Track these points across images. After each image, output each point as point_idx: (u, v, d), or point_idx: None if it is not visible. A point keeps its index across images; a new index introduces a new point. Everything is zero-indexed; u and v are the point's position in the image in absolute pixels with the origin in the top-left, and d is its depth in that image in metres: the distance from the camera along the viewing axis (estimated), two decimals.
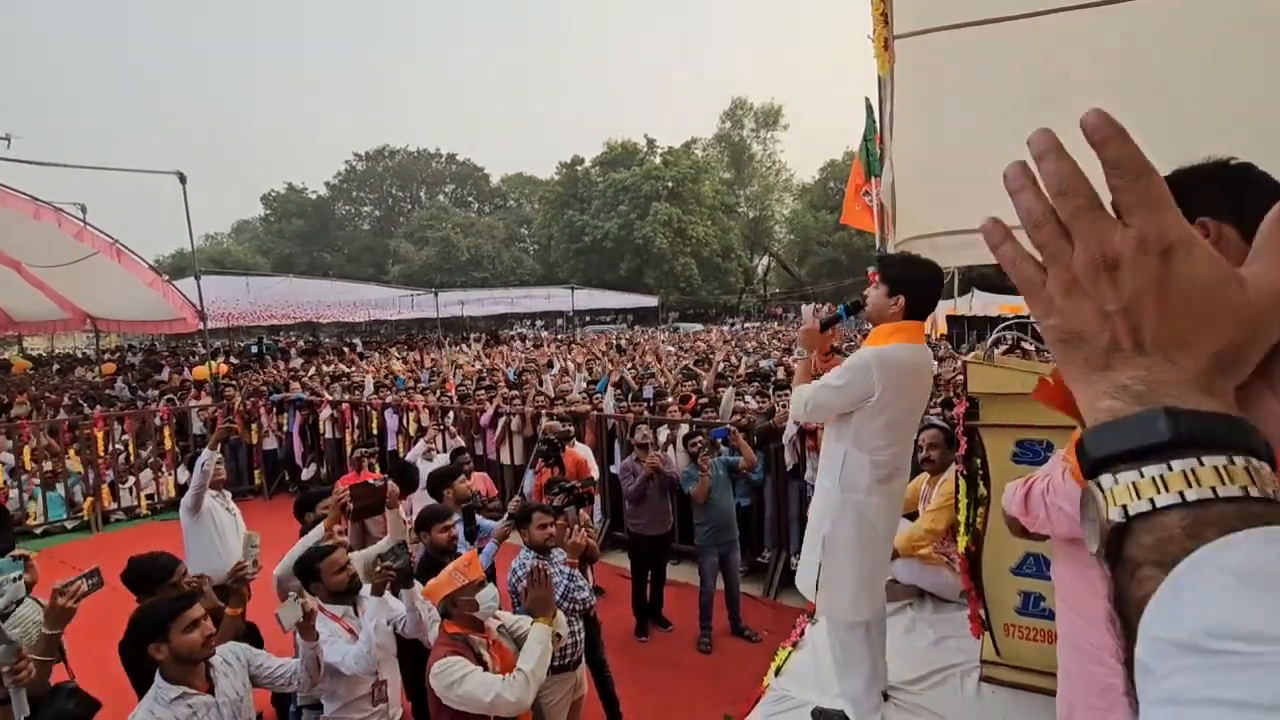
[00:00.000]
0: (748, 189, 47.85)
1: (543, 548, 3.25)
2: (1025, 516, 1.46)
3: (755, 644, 4.77)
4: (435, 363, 13.69)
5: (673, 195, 40.00)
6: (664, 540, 5.08)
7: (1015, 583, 2.48)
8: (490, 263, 43.57)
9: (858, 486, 2.17)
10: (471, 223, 47.21)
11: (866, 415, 2.13)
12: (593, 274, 39.91)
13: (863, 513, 2.18)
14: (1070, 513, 1.32)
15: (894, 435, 2.22)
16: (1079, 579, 1.41)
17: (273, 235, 49.40)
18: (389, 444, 8.18)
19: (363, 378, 11.04)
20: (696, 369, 9.59)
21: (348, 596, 2.81)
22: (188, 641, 2.10)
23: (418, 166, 55.20)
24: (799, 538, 5.63)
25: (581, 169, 44.98)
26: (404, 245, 44.94)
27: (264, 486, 9.07)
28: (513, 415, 7.20)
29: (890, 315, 2.21)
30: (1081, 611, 1.40)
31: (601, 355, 13.40)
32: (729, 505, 4.84)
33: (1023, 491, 1.46)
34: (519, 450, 7.25)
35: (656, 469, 4.87)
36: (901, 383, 2.15)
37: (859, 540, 2.19)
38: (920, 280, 2.23)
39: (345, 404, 8.79)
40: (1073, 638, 1.43)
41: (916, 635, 2.93)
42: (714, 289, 42.52)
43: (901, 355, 2.15)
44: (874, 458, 2.17)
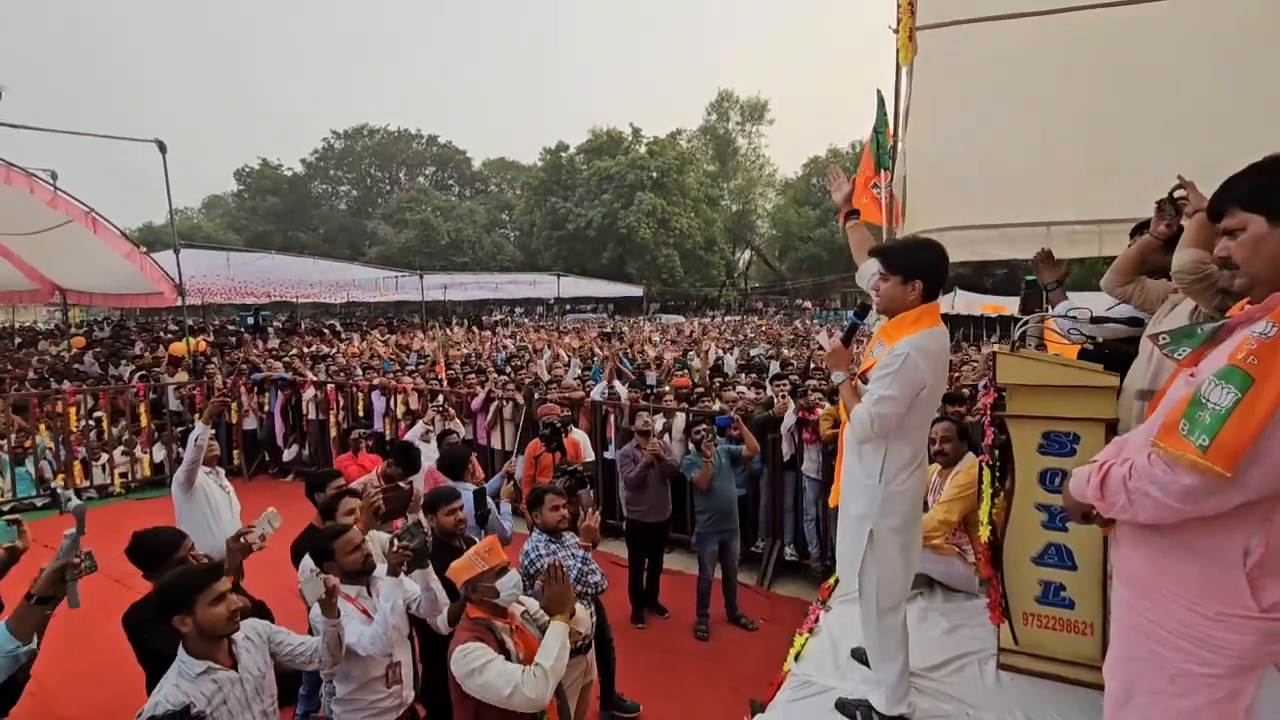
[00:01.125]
0: (732, 182, 47.92)
1: (555, 530, 3.23)
2: (1101, 502, 1.44)
3: (751, 632, 4.80)
4: (423, 345, 13.50)
5: (657, 185, 39.90)
6: (662, 528, 5.09)
7: (1036, 572, 2.51)
8: (471, 247, 43.11)
9: (899, 476, 2.18)
10: (452, 206, 46.65)
11: (914, 406, 2.13)
12: (574, 262, 39.68)
13: (904, 499, 2.19)
14: (1158, 498, 1.31)
15: (928, 418, 2.25)
16: (1152, 565, 1.41)
17: (246, 212, 48.30)
18: (375, 426, 8.05)
19: (347, 359, 10.85)
20: (688, 361, 9.60)
21: (361, 577, 2.75)
22: (214, 614, 2.03)
23: (398, 147, 54.29)
24: (794, 528, 5.69)
25: (566, 156, 44.64)
26: (382, 227, 44.30)
27: (244, 467, 8.87)
28: (505, 400, 7.12)
29: (910, 303, 2.21)
30: (1152, 596, 1.40)
31: (595, 343, 13.33)
32: (731, 493, 4.85)
33: (1099, 477, 1.44)
34: (509, 435, 7.18)
35: (658, 456, 4.86)
36: (938, 367, 2.16)
37: (904, 526, 2.21)
38: (933, 261, 2.24)
39: (331, 385, 8.63)
40: (1137, 622, 1.43)
41: (930, 624, 2.96)
42: (696, 281, 42.61)
43: (934, 340, 2.16)
44: (914, 444, 2.19)
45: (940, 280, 2.25)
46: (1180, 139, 3.47)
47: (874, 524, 2.20)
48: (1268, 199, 1.32)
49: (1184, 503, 1.28)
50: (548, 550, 3.05)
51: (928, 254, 2.25)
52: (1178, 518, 1.31)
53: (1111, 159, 3.93)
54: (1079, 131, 3.94)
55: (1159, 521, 1.35)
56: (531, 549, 3.07)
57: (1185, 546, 1.35)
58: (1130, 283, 2.66)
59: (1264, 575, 1.26)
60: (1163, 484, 1.30)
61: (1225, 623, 1.29)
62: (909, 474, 2.19)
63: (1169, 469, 1.29)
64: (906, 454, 2.18)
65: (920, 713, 2.34)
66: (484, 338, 17.33)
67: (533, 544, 3.09)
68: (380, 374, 9.30)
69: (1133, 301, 2.66)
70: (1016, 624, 2.55)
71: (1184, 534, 1.34)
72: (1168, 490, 1.29)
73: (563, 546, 3.11)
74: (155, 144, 9.06)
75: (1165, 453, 1.29)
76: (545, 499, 3.18)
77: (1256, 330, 1.26)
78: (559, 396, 6.81)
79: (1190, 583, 1.33)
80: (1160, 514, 1.33)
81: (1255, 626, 1.26)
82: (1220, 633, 1.29)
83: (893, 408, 2.10)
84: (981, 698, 2.42)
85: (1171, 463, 1.28)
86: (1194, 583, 1.33)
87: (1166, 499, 1.29)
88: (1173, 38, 3.35)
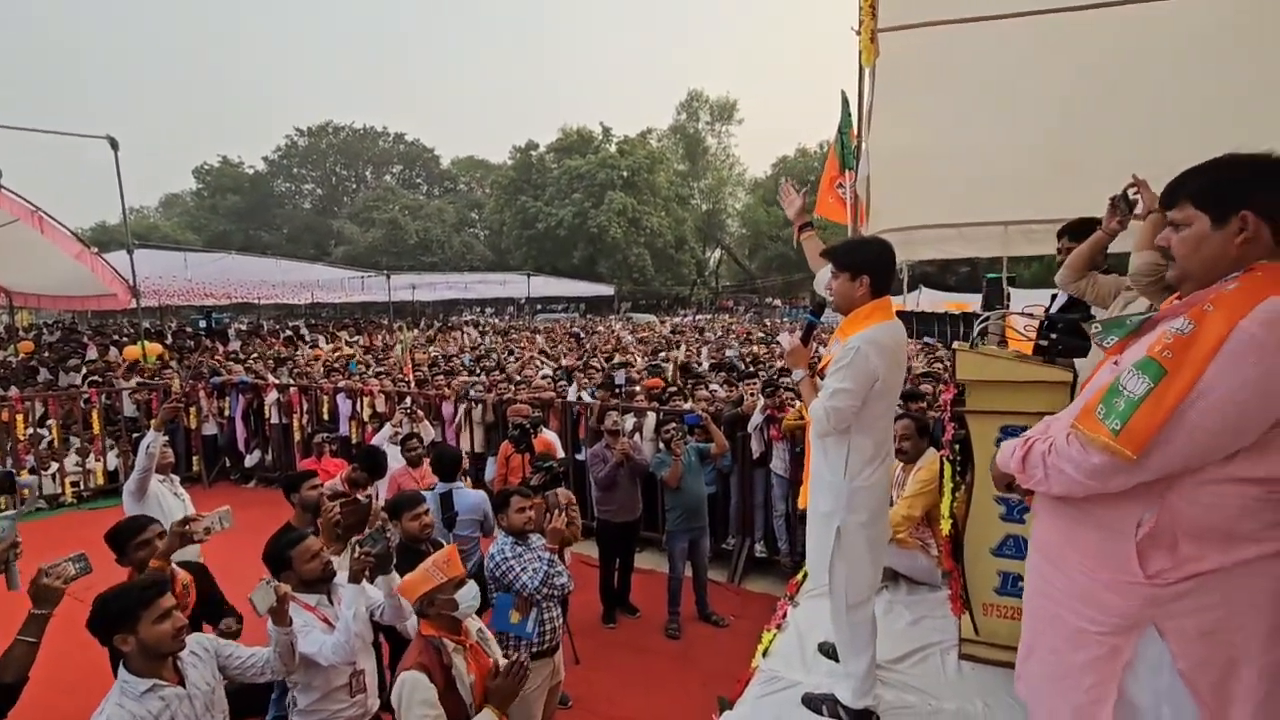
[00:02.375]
0: (702, 181, 48.12)
1: (521, 533, 3.19)
2: (1021, 474, 1.55)
3: (722, 629, 4.82)
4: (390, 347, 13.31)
5: (628, 185, 39.87)
6: (633, 527, 5.08)
7: (994, 563, 2.56)
8: (439, 247, 42.66)
9: (864, 471, 2.21)
10: (420, 205, 46.11)
11: (870, 399, 2.16)
12: (545, 261, 39.46)
13: (870, 494, 2.22)
14: (1071, 474, 1.42)
15: (888, 412, 2.28)
16: (1060, 534, 1.52)
17: (205, 211, 47.07)
18: (341, 429, 7.90)
19: (307, 362, 10.63)
20: (660, 362, 9.62)
21: (321, 585, 2.69)
22: (158, 633, 1.96)
23: (364, 144, 53.46)
24: (764, 525, 5.73)
25: (536, 154, 44.37)
26: (348, 226, 43.61)
27: (203, 474, 8.64)
28: (476, 402, 7.05)
29: (859, 299, 2.27)
30: (1058, 563, 1.52)
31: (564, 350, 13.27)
32: (700, 491, 4.87)
33: (1022, 451, 1.54)
34: (479, 438, 7.12)
35: (627, 455, 4.85)
36: (893, 360, 2.20)
37: (870, 521, 2.23)
38: (876, 256, 2.29)
39: (294, 388, 8.44)
40: (1044, 587, 1.55)
41: (895, 616, 3.01)
42: (667, 280, 42.71)
43: (886, 333, 2.21)
44: (876, 438, 2.22)
45: (886, 274, 2.30)
46: (1140, 141, 3.57)
47: (841, 520, 2.22)
48: (1215, 200, 1.38)
49: (1093, 479, 1.39)
50: (513, 553, 3.02)
51: (871, 250, 2.31)
52: (1085, 493, 1.43)
53: (1070, 159, 4.03)
54: (1039, 132, 4.04)
55: (1069, 494, 1.46)
56: (497, 552, 3.04)
57: (1088, 517, 1.46)
58: (1082, 278, 2.73)
59: (1151, 547, 1.37)
60: (1076, 462, 1.40)
61: (1115, 588, 1.40)
62: (873, 469, 2.22)
63: (1083, 449, 1.39)
64: (869, 449, 2.21)
65: (884, 705, 2.37)
66: (454, 338, 17.16)
67: (498, 547, 3.06)
68: (346, 376, 9.14)
69: (1085, 296, 2.74)
70: (977, 614, 2.60)
71: (1088, 506, 1.46)
72: (1080, 468, 1.40)
73: (529, 549, 3.09)
74: (106, 140, 8.75)
75: (1081, 434, 1.40)
76: (511, 500, 3.15)
77: (1175, 326, 1.33)
78: (529, 397, 6.76)
79: (1089, 551, 1.45)
80: (1070, 488, 1.44)
81: (1140, 592, 1.37)
82: (1110, 596, 1.41)
83: (847, 400, 2.14)
84: (943, 688, 2.46)
85: (1086, 443, 1.38)
86: (1092, 551, 1.45)
87: (1078, 475, 1.40)
88: (1135, 40, 3.44)
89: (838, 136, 5.17)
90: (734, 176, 49.49)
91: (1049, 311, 3.09)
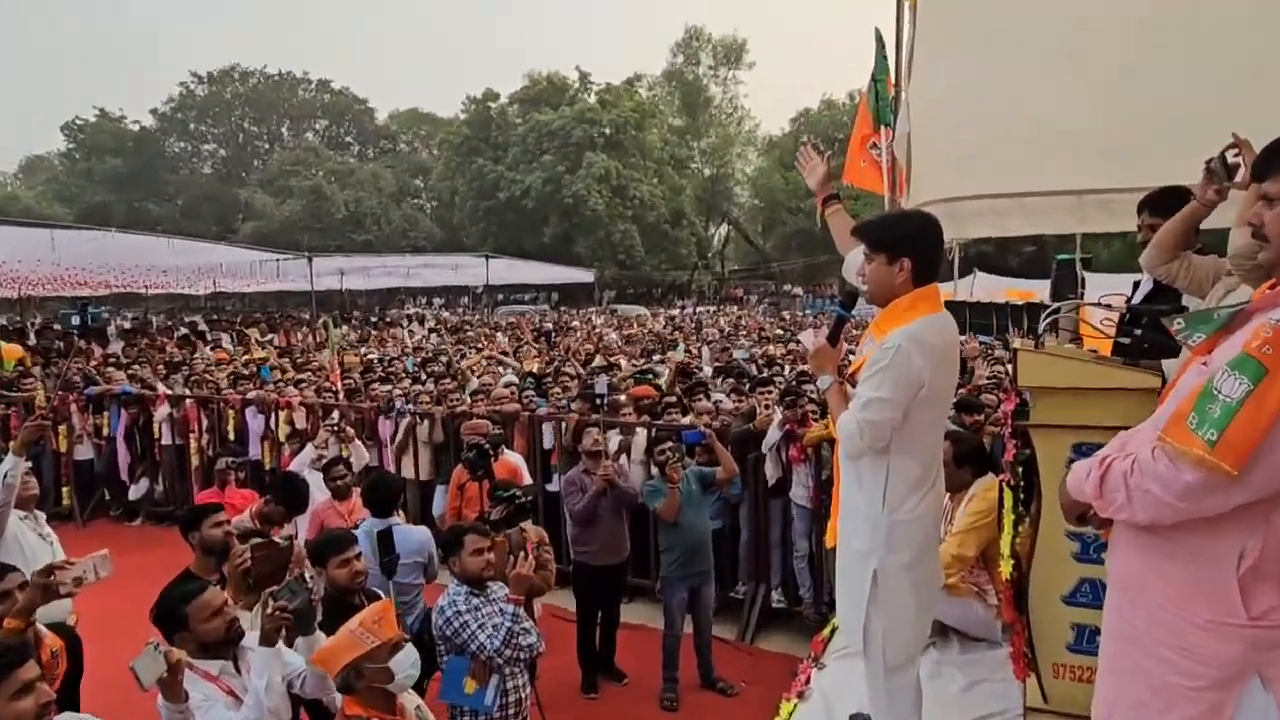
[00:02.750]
0: (703, 140, 48.37)
1: (478, 580, 3.19)
2: (1100, 500, 1.57)
3: (731, 698, 4.83)
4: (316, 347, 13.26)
5: (611, 144, 39.97)
6: (618, 572, 5.08)
7: (1067, 614, 2.58)
8: (375, 222, 42.59)
9: (907, 502, 2.23)
10: (350, 170, 46.04)
11: (912, 411, 2.18)
12: (508, 240, 39.51)
13: (915, 528, 2.24)
14: (1158, 496, 1.44)
15: (936, 426, 2.31)
16: (1145, 569, 1.55)
17: (78, 177, 46.82)
18: (250, 452, 7.86)
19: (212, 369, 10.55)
20: (652, 366, 9.64)
21: (225, 648, 2.68)
22: (16, 711, 1.95)
23: (279, 94, 53.28)
24: (782, 568, 5.75)
25: (495, 107, 44.43)
26: (259, 196, 43.54)
27: (75, 509, 8.55)
28: (421, 417, 7.03)
29: (899, 287, 2.28)
30: (1142, 602, 1.54)
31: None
32: (703, 527, 4.88)
33: (1099, 472, 1.56)
34: (426, 462, 7.11)
35: (611, 483, 4.85)
36: (942, 362, 2.23)
37: (915, 562, 2.25)
38: (920, 233, 2.31)
39: (191, 400, 8.39)
40: (1125, 631, 1.58)
41: (945, 680, 3.03)
42: (660, 263, 42.87)
43: (933, 329, 2.22)
44: (922, 460, 2.24)
45: (931, 256, 2.32)
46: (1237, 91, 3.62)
47: (879, 561, 2.24)
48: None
49: (1185, 501, 1.41)
50: (468, 606, 3.02)
51: (912, 224, 2.34)
52: (1177, 517, 1.45)
53: (1155, 114, 4.07)
54: (1115, 81, 4.08)
55: (1157, 521, 1.49)
56: (448, 604, 3.04)
57: (1180, 548, 1.49)
58: (1174, 260, 2.77)
59: (1256, 580, 1.40)
60: (1165, 480, 1.42)
61: (1213, 631, 1.43)
62: (919, 498, 2.24)
63: (1173, 465, 1.42)
64: (913, 472, 2.22)
65: None
66: (392, 336, 17.11)
67: (449, 599, 3.06)
68: (257, 385, 9.08)
69: (1177, 282, 2.78)
70: (1045, 677, 2.63)
71: (1180, 535, 1.48)
72: (1169, 487, 1.42)
73: (487, 601, 3.09)
74: None
75: (1171, 447, 1.42)
76: (466, 540, 3.15)
77: (1275, 316, 1.37)
78: (488, 410, 6.76)
79: (1181, 587, 1.48)
80: (1159, 513, 1.46)
81: (1243, 635, 1.40)
82: (1207, 641, 1.43)
83: (884, 411, 2.15)
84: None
85: (1176, 458, 1.41)
86: (1185, 587, 1.48)
87: (1167, 497, 1.43)
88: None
89: (871, 85, 5.20)
90: (743, 134, 49.79)
91: (1131, 302, 3.12)
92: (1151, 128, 4.14)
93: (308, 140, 51.64)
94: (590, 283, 37.29)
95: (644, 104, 43.34)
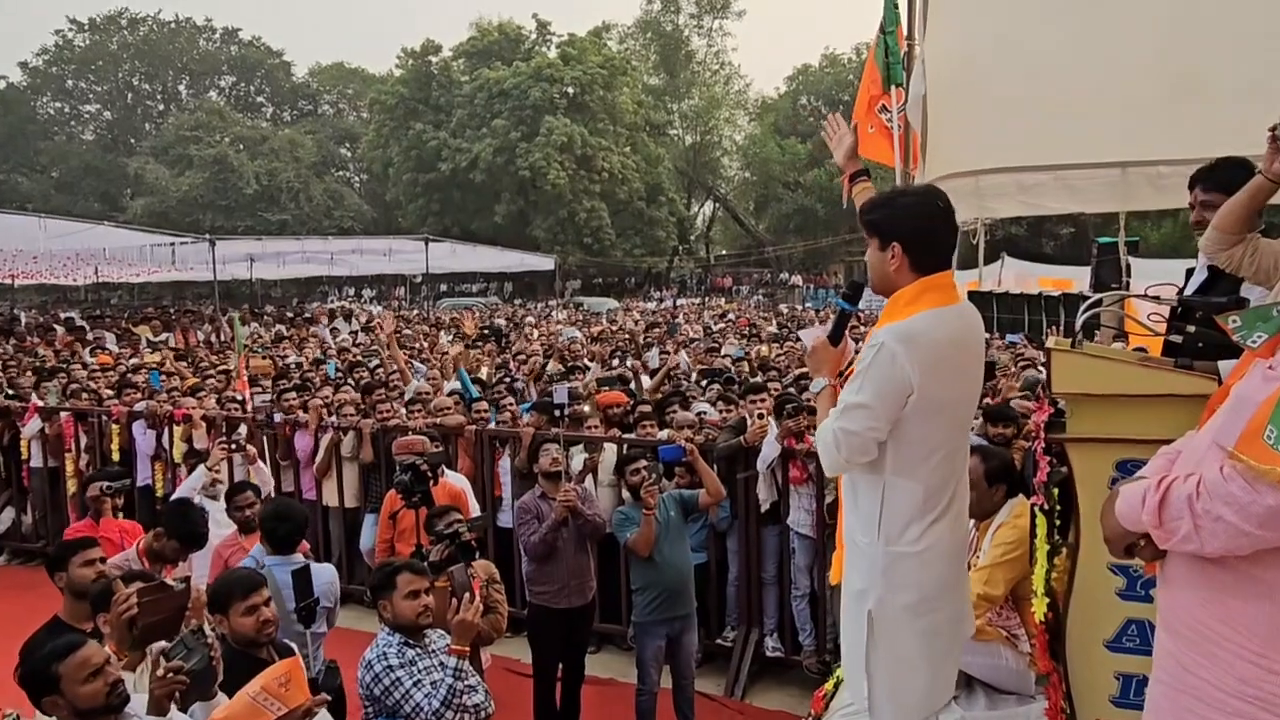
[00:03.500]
0: (684, 102, 48.56)
1: (414, 628, 3.18)
2: (1159, 529, 1.58)
3: None
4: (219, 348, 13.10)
5: (574, 106, 40.00)
6: (582, 616, 5.06)
7: (1111, 661, 2.59)
8: (293, 198, 42.31)
9: (908, 531, 2.23)
10: (263, 136, 45.70)
11: (906, 423, 2.20)
12: (452, 220, 39.41)
13: (920, 564, 2.24)
14: (1233, 522, 1.45)
15: (947, 442, 2.29)
16: (1211, 608, 1.56)
17: None
18: (139, 475, 7.75)
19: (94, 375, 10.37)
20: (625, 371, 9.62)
21: (105, 716, 2.61)
22: None
23: (175, 45, 52.90)
24: (778, 609, 5.75)
25: (437, 62, 44.29)
26: (152, 167, 43.11)
27: None
28: (345, 431, 6.97)
29: (896, 276, 2.31)
30: (1206, 648, 1.55)
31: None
32: (684, 561, 4.87)
33: (1157, 497, 1.57)
34: (351, 485, 7.05)
35: (573, 510, 4.83)
36: (940, 363, 2.23)
37: (923, 606, 2.24)
38: (911, 212, 2.33)
39: (67, 413, 8.25)
40: (1186, 682, 1.59)
41: None
42: (634, 247, 42.93)
43: (929, 325, 2.23)
44: (927, 483, 2.24)
45: (929, 239, 2.33)
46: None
47: (875, 601, 2.25)
48: None
49: (1266, 528, 1.43)
50: (401, 659, 2.99)
51: (902, 203, 2.35)
52: (1254, 547, 1.47)
53: (1207, 74, 4.13)
54: (1169, 32, 4.14)
55: (1231, 552, 1.50)
56: (376, 658, 3.01)
57: (1250, 584, 1.51)
58: (1238, 243, 2.80)
59: None
60: (1241, 505, 1.44)
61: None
62: (925, 527, 2.24)
63: (1250, 486, 1.43)
64: (916, 496, 2.23)
65: None
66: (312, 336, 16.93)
67: (378, 651, 3.04)
68: (147, 394, 8.95)
69: (1241, 269, 2.81)
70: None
71: (1254, 569, 1.50)
72: (1247, 513, 1.43)
73: (425, 652, 3.06)
74: None
75: (1247, 466, 1.43)
76: (398, 579, 3.13)
77: None
78: (426, 423, 6.71)
79: (1257, 629, 1.50)
80: (1234, 543, 1.48)
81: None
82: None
83: (863, 420, 2.18)
84: None
85: (1254, 479, 1.42)
86: (1262, 629, 1.49)
87: (1244, 524, 1.44)
88: None
89: (879, 39, 5.24)
90: (731, 95, 50.08)
91: (1183, 293, 3.15)
92: (1211, 89, 4.20)
93: (210, 100, 51.11)
94: (550, 271, 37.25)
95: (614, 59, 43.38)
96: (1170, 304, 2.88)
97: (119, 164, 46.66)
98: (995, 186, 4.84)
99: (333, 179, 47.63)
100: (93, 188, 46.21)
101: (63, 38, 50.54)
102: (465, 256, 31.39)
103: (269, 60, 54.63)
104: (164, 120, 50.09)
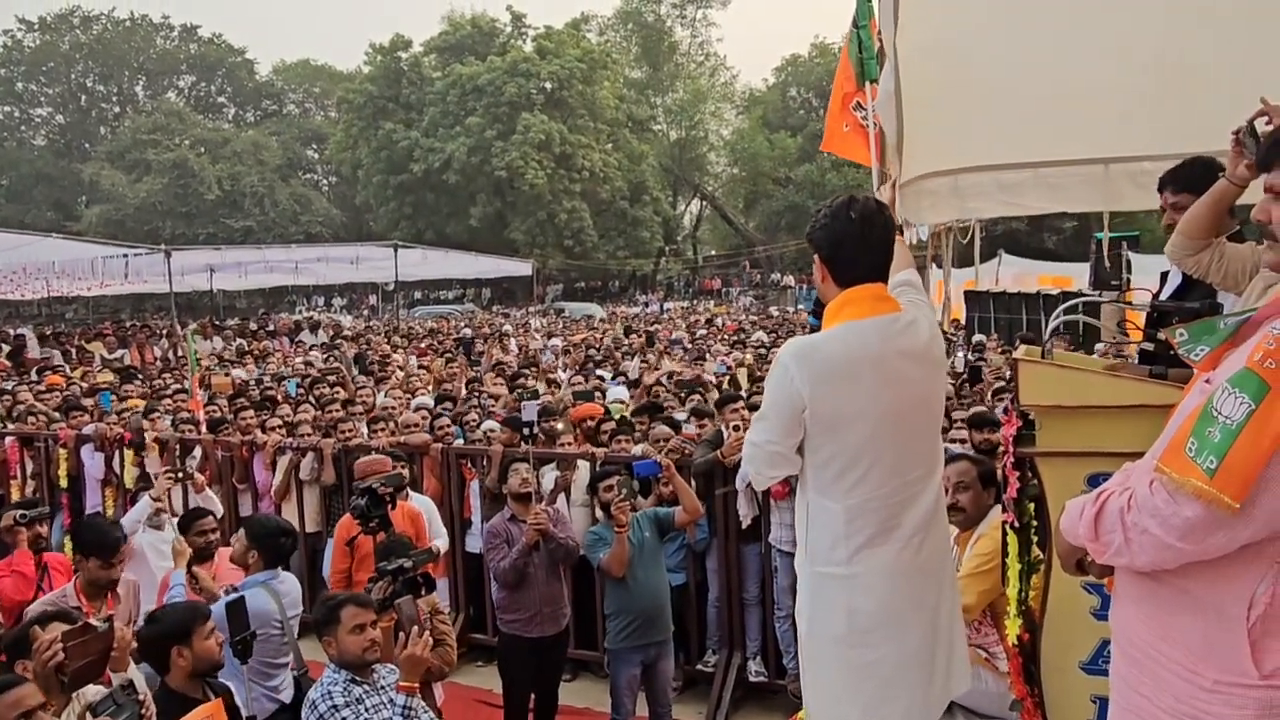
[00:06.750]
0: (668, 96, 48.65)
1: (360, 664, 3.17)
2: (1095, 543, 1.64)
3: None
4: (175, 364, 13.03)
5: (552, 102, 40.03)
6: (555, 644, 5.05)
7: (1087, 684, 2.61)
8: (257, 204, 42.23)
9: (834, 552, 2.26)
10: (225, 138, 45.61)
11: (814, 440, 2.26)
12: (425, 223, 39.35)
13: (851, 588, 2.26)
14: (1158, 535, 1.49)
15: (865, 459, 2.27)
16: (1150, 624, 1.60)
17: None
18: (88, 502, 7.71)
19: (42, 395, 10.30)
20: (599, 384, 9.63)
21: None
22: None
23: (131, 44, 52.75)
24: (761, 631, 5.75)
25: (407, 58, 44.26)
26: (107, 173, 42.94)
27: None
28: (304, 452, 6.96)
29: (825, 289, 2.41)
30: (1146, 665, 1.60)
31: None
32: (659, 583, 4.88)
33: (1093, 510, 1.63)
34: (313, 509, 7.03)
35: (544, 533, 4.83)
36: (832, 377, 2.24)
37: (853, 638, 2.25)
38: (825, 225, 2.37)
39: (10, 437, 8.20)
40: (1130, 700, 1.64)
41: None
42: (618, 249, 42.95)
43: (828, 339, 2.30)
44: (845, 502, 2.25)
45: (848, 250, 2.35)
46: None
47: (806, 625, 2.29)
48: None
49: (1186, 541, 1.47)
50: (347, 698, 2.98)
51: (821, 215, 2.41)
52: (1179, 560, 1.51)
53: (1191, 71, 4.16)
54: (1146, 28, 4.17)
55: (1158, 565, 1.55)
56: (321, 697, 3.01)
57: (1184, 599, 1.55)
58: (1204, 248, 2.83)
59: (1266, 635, 1.46)
60: (1163, 517, 1.49)
61: (1222, 694, 1.49)
62: (852, 547, 2.24)
63: (1171, 498, 1.48)
64: (836, 516, 2.25)
65: None
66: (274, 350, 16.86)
67: (323, 690, 3.04)
68: (97, 415, 8.89)
69: (1209, 275, 2.84)
70: None
71: (1185, 583, 1.54)
72: (1168, 525, 1.48)
73: (373, 690, 3.06)
74: None
75: (1168, 478, 1.48)
76: (343, 613, 3.14)
77: (1278, 326, 1.44)
78: (391, 442, 6.69)
79: (1190, 645, 1.54)
80: (1160, 556, 1.53)
81: (1255, 697, 1.46)
82: (1216, 707, 1.49)
83: (762, 434, 2.28)
84: None
85: (1175, 490, 1.47)
86: (1194, 645, 1.54)
87: (1167, 536, 1.49)
88: None
89: (852, 33, 5.27)
90: (718, 88, 50.17)
91: (1157, 297, 3.18)
92: (1196, 82, 4.23)
93: (169, 101, 50.93)
94: (529, 276, 37.24)
95: (593, 52, 43.45)
96: (1144, 309, 2.90)
97: (73, 170, 46.50)
98: (974, 185, 4.85)
99: (299, 182, 47.56)
100: (45, 196, 45.99)
101: (11, 38, 50.44)
102: (437, 263, 31.41)
103: (230, 58, 54.44)
104: (120, 123, 49.91)
